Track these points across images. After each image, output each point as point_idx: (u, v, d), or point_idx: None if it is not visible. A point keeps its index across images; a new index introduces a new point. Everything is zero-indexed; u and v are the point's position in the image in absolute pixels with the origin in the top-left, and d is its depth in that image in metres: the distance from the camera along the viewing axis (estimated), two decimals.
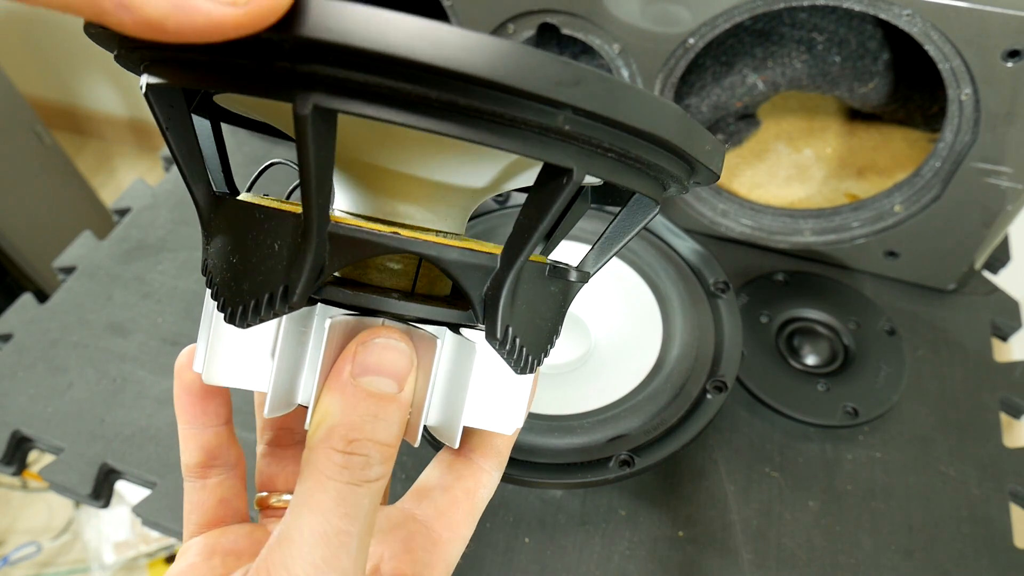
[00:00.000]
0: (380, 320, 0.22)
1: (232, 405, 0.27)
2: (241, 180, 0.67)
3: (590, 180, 0.27)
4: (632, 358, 0.45)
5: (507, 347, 0.21)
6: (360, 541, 0.20)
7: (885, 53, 0.54)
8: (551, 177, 0.19)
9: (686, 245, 0.50)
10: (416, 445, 0.23)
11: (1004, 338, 0.56)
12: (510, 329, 0.21)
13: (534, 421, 0.41)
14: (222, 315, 0.21)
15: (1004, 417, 0.51)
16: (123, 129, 1.77)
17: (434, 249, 0.20)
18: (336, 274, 0.24)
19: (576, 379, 0.46)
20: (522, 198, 0.52)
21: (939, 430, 0.49)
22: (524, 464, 0.40)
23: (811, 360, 0.52)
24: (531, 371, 0.23)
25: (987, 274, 0.59)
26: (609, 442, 0.40)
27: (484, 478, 0.26)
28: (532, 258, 0.24)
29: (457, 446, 0.23)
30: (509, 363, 0.22)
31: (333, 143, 0.18)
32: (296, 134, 0.17)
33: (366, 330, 0.21)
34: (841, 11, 0.53)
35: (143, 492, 0.47)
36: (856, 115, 0.63)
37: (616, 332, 0.48)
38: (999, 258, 0.59)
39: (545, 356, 0.24)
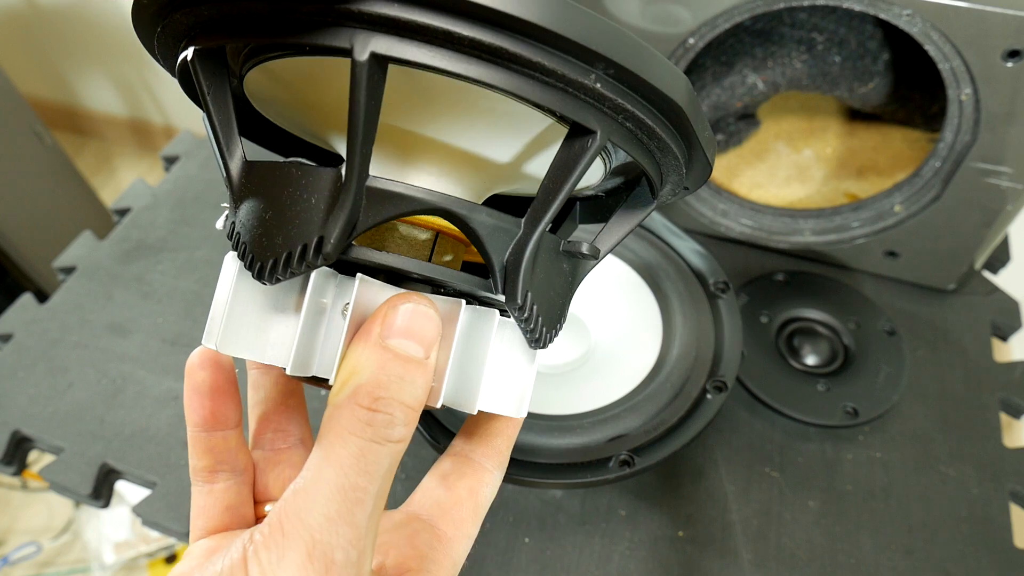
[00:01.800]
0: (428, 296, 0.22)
1: (243, 410, 0.27)
2: None
3: (587, 182, 0.27)
4: (632, 358, 0.45)
5: (526, 314, 0.21)
6: (376, 500, 0.20)
7: (885, 53, 0.54)
8: (576, 138, 0.20)
9: (686, 245, 0.50)
10: (439, 407, 0.23)
11: (1004, 338, 0.56)
12: (530, 295, 0.21)
13: (534, 421, 0.41)
14: (248, 275, 0.22)
15: (1004, 417, 0.51)
16: (123, 129, 1.77)
17: (465, 208, 0.20)
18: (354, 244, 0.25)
19: (576, 379, 0.46)
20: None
21: (939, 430, 0.49)
22: (524, 464, 0.40)
23: (811, 360, 0.52)
24: (544, 345, 0.23)
25: (987, 274, 0.59)
26: (609, 442, 0.40)
27: (486, 477, 0.26)
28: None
29: (476, 411, 0.23)
30: (526, 333, 0.22)
31: (381, 94, 0.18)
32: (351, 82, 0.18)
33: (397, 295, 0.22)
34: (841, 11, 0.53)
35: (143, 492, 0.47)
36: (856, 115, 0.63)
37: (616, 332, 0.48)
38: (999, 258, 0.59)
39: (556, 333, 0.24)
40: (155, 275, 0.58)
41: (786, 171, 0.62)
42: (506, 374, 0.24)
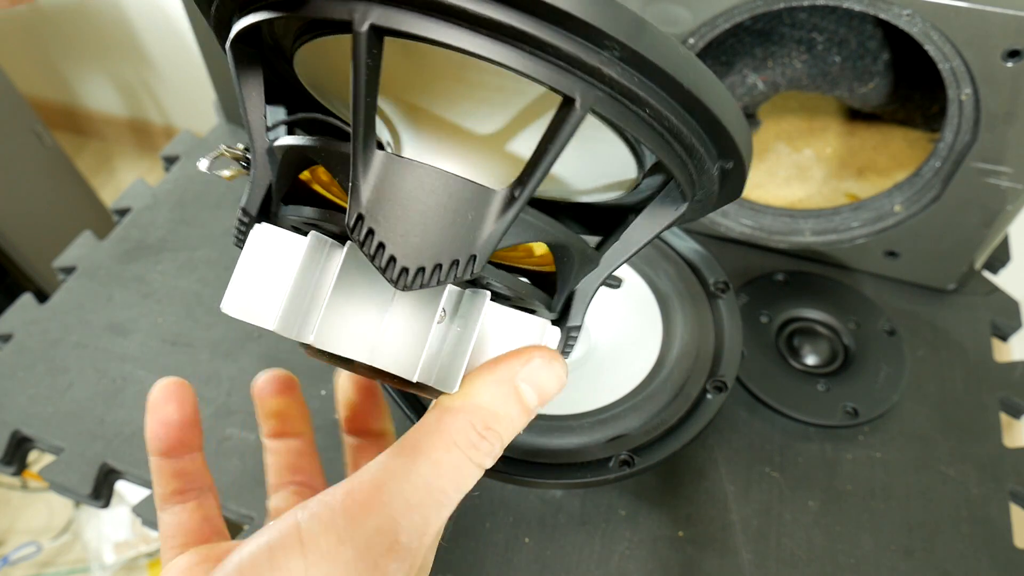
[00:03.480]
0: (312, 237, 0.23)
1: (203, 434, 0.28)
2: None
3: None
4: (632, 358, 0.45)
5: (360, 237, 0.20)
6: (448, 513, 0.21)
7: (885, 53, 0.54)
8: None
9: (686, 245, 0.50)
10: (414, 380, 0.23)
11: (1004, 338, 0.56)
12: (363, 218, 0.20)
13: (534, 421, 0.41)
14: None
15: (1004, 417, 0.51)
16: (123, 129, 1.77)
17: (315, 142, 0.22)
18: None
19: (576, 379, 0.46)
20: None
21: (939, 430, 0.49)
22: (524, 464, 0.40)
23: (811, 360, 0.52)
24: (405, 284, 0.21)
25: (987, 274, 0.59)
26: (609, 442, 0.40)
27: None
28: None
29: (456, 390, 0.23)
30: (371, 259, 0.21)
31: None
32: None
33: (543, 348, 0.23)
34: (841, 11, 0.53)
35: (143, 492, 0.47)
36: (856, 115, 0.63)
37: (616, 332, 0.48)
38: (999, 258, 0.59)
39: (429, 275, 0.21)
40: (155, 275, 0.58)
41: (786, 171, 0.62)
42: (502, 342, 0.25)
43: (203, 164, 0.24)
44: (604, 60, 0.18)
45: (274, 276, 0.23)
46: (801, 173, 0.62)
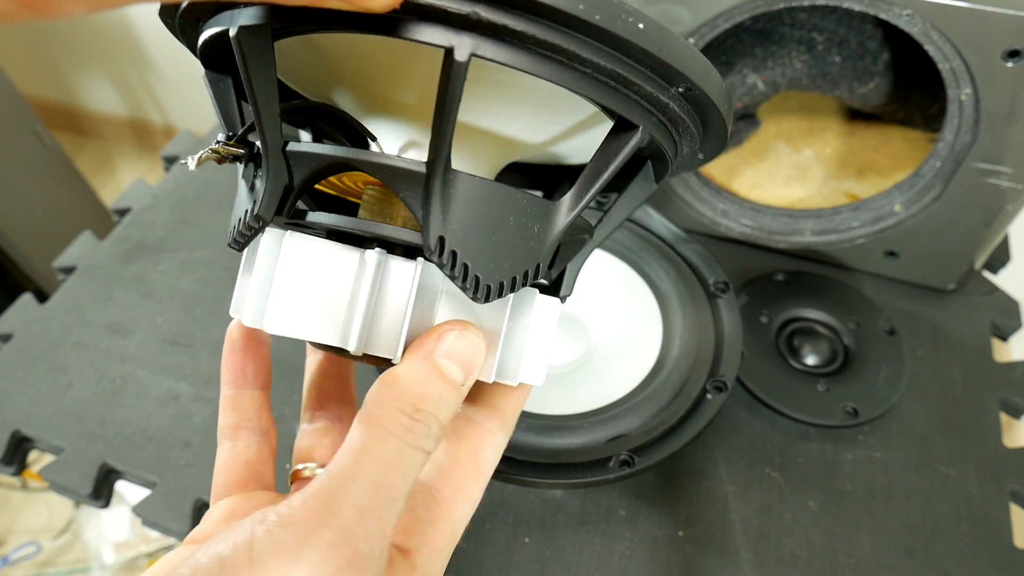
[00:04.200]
0: (376, 254, 0.22)
1: (272, 377, 0.30)
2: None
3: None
4: (632, 358, 0.45)
5: (443, 259, 0.21)
6: (402, 503, 0.21)
7: (885, 53, 0.54)
8: (448, 65, 0.19)
9: (686, 245, 0.50)
10: (490, 382, 0.24)
11: (1004, 338, 0.56)
12: (445, 241, 0.21)
13: (534, 421, 0.41)
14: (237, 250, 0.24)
15: (1004, 417, 0.51)
16: (123, 129, 1.77)
17: (370, 156, 0.21)
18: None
19: (576, 379, 0.46)
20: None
21: (939, 430, 0.49)
22: (524, 464, 0.40)
23: (811, 360, 0.52)
24: (488, 297, 0.22)
25: (987, 274, 0.59)
26: (609, 442, 0.40)
27: (488, 438, 0.26)
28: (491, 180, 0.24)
29: (492, 380, 0.24)
30: (454, 281, 0.22)
31: (272, 62, 0.20)
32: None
33: (455, 321, 0.23)
34: (841, 11, 0.53)
35: (143, 492, 0.47)
36: (856, 115, 0.63)
37: (616, 332, 0.48)
38: (999, 258, 0.59)
39: (510, 287, 0.23)
40: (155, 275, 0.58)
41: (786, 171, 0.62)
42: (530, 345, 0.25)
43: (192, 163, 0.24)
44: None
45: (327, 290, 0.23)
46: (801, 173, 0.62)
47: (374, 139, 0.25)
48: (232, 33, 0.20)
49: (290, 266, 0.22)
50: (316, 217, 0.23)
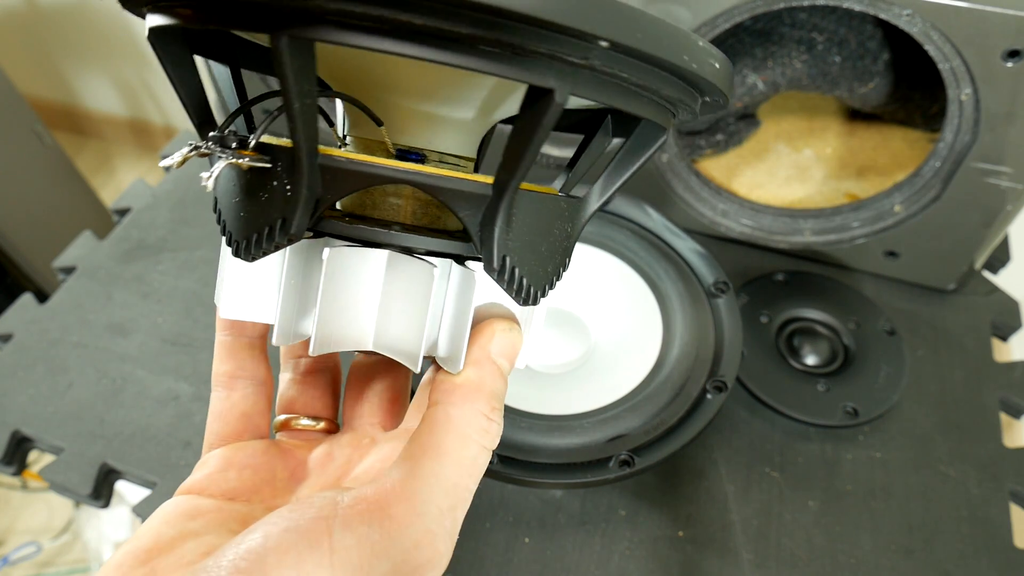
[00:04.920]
0: (386, 253, 0.22)
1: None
2: None
3: (578, 102, 0.27)
4: (632, 358, 0.45)
5: (505, 277, 0.21)
6: (470, 501, 0.22)
7: (885, 53, 0.54)
8: (534, 100, 0.19)
9: (686, 245, 0.50)
10: (417, 371, 0.24)
11: (1004, 338, 0.56)
12: (507, 259, 0.21)
13: (534, 421, 0.41)
14: (230, 251, 0.23)
15: (1004, 417, 0.51)
16: (123, 129, 1.77)
17: (427, 179, 0.21)
18: (339, 207, 0.25)
19: (576, 379, 0.46)
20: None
21: (939, 430, 0.49)
22: (524, 464, 0.40)
23: (811, 360, 0.52)
24: (534, 302, 0.23)
25: (987, 274, 0.59)
26: (609, 442, 0.40)
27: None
28: (540, 188, 0.24)
29: (460, 370, 0.24)
30: (509, 294, 0.22)
31: (313, 75, 0.18)
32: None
33: (505, 319, 0.23)
34: (841, 11, 0.53)
35: (143, 492, 0.47)
36: (856, 115, 0.63)
37: (616, 332, 0.48)
38: (999, 258, 0.59)
39: (550, 288, 0.24)
40: (155, 275, 0.58)
41: (786, 171, 0.62)
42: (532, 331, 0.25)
43: (209, 182, 0.22)
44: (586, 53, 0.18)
45: (412, 302, 0.23)
46: (801, 173, 0.62)
47: (381, 124, 0.24)
48: (278, 41, 0.17)
49: (388, 284, 0.22)
50: (358, 232, 0.22)
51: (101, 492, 0.48)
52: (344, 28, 0.17)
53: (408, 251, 0.23)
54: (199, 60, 0.26)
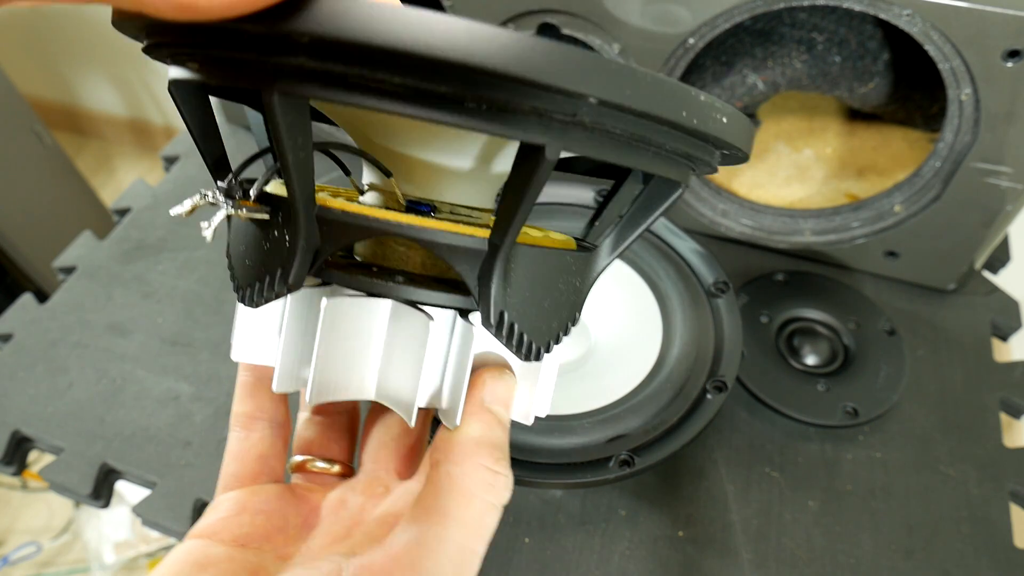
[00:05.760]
0: (388, 303, 0.22)
1: None
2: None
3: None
4: (632, 358, 0.45)
5: (504, 332, 0.21)
6: (479, 565, 0.21)
7: (885, 53, 0.54)
8: (525, 156, 0.19)
9: (686, 245, 0.50)
10: (412, 426, 0.24)
11: (1004, 338, 0.56)
12: (505, 314, 0.21)
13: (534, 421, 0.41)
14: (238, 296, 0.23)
15: (1004, 417, 0.51)
16: (123, 129, 1.77)
17: (422, 233, 0.20)
18: (358, 255, 0.25)
19: (576, 379, 0.46)
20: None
21: (939, 430, 0.49)
22: (524, 464, 0.40)
23: (811, 360, 0.52)
24: (536, 358, 0.23)
25: (987, 274, 0.59)
26: (609, 442, 0.40)
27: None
28: (555, 243, 0.24)
29: (456, 425, 0.23)
30: (509, 348, 0.22)
31: (308, 129, 0.18)
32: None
33: (495, 366, 0.23)
34: (841, 11, 0.53)
35: (143, 492, 0.47)
36: (856, 115, 0.63)
37: (616, 332, 0.48)
38: (999, 258, 0.59)
39: (555, 343, 0.24)
40: (155, 275, 0.58)
41: (786, 171, 0.62)
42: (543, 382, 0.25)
43: (208, 233, 0.21)
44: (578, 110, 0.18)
45: (415, 355, 0.23)
46: (801, 173, 0.62)
47: (390, 175, 0.24)
48: (269, 97, 0.17)
49: (387, 335, 0.22)
50: (359, 283, 0.22)
51: (101, 492, 0.48)
52: (330, 86, 0.17)
53: (411, 303, 0.23)
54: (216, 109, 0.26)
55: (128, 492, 0.96)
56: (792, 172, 0.62)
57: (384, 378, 0.23)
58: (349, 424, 0.30)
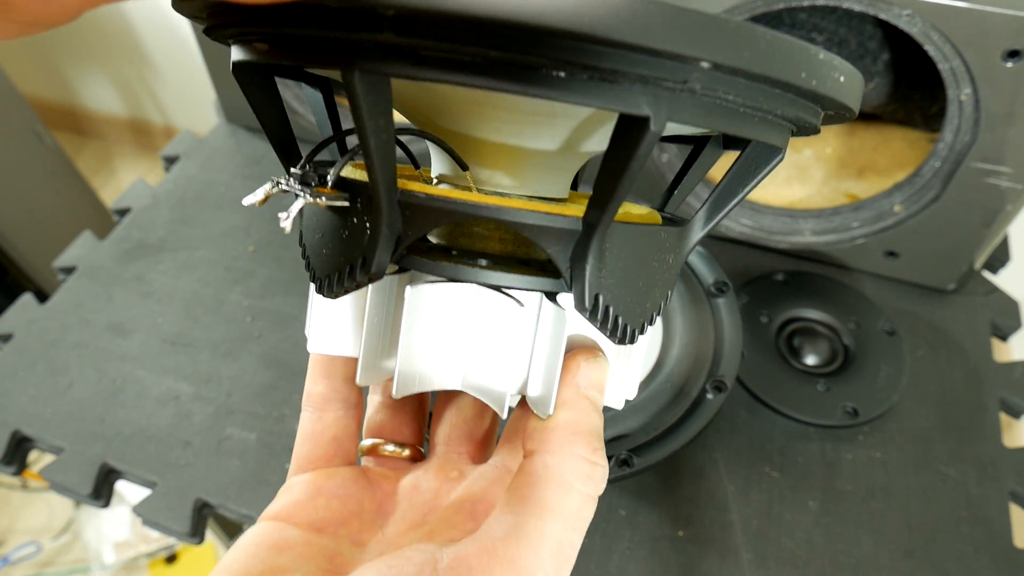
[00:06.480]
0: (474, 288, 0.21)
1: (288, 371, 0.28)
2: (244, 183, 0.67)
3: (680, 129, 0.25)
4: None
5: (598, 316, 0.20)
6: (575, 558, 0.20)
7: (885, 53, 0.54)
8: (626, 129, 0.17)
9: None
10: (504, 417, 0.23)
11: (1004, 338, 0.56)
12: (600, 297, 0.20)
13: None
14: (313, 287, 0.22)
15: (1004, 417, 0.51)
16: (123, 129, 1.77)
17: (511, 214, 0.19)
18: (434, 239, 0.24)
19: None
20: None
21: (939, 430, 0.49)
22: None
23: (811, 360, 0.52)
24: (631, 341, 0.22)
25: (987, 274, 0.59)
26: (609, 442, 0.40)
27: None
28: (638, 217, 0.23)
29: (550, 414, 0.23)
30: (604, 333, 0.21)
31: (390, 110, 0.17)
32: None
33: (588, 349, 0.22)
34: (841, 11, 0.53)
35: (143, 492, 0.47)
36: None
37: None
38: (999, 258, 0.59)
39: (649, 324, 0.22)
40: (155, 275, 0.58)
41: (786, 171, 0.62)
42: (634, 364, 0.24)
43: (287, 223, 0.20)
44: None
45: (506, 341, 0.22)
46: (801, 173, 0.62)
47: (466, 168, 0.23)
48: (350, 76, 0.16)
49: (473, 322, 0.21)
50: (442, 269, 0.21)
51: (101, 492, 0.48)
52: (417, 62, 0.16)
53: (496, 287, 0.22)
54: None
55: (128, 492, 0.96)
56: (792, 172, 0.62)
57: (471, 367, 0.22)
58: (420, 407, 0.29)
